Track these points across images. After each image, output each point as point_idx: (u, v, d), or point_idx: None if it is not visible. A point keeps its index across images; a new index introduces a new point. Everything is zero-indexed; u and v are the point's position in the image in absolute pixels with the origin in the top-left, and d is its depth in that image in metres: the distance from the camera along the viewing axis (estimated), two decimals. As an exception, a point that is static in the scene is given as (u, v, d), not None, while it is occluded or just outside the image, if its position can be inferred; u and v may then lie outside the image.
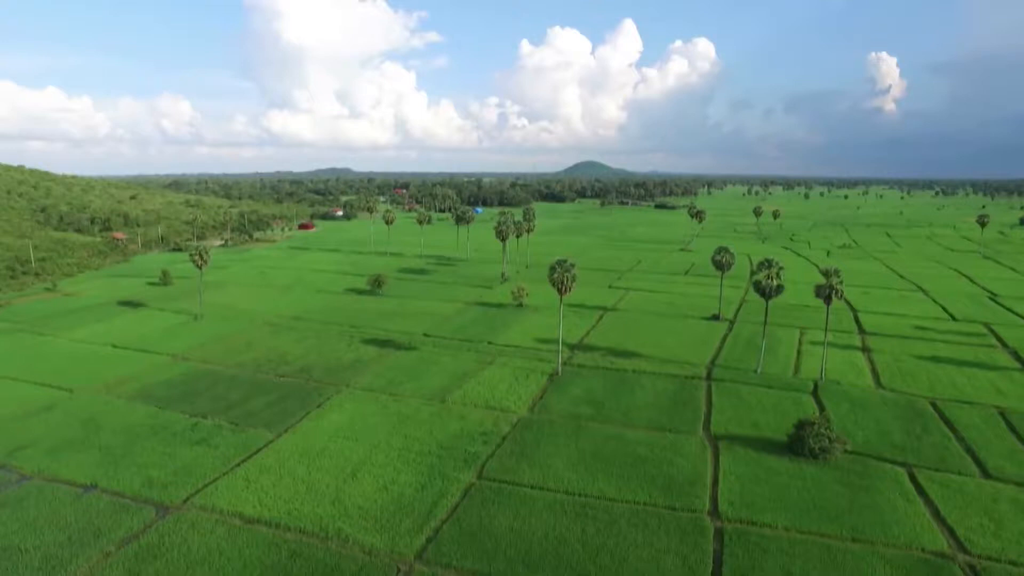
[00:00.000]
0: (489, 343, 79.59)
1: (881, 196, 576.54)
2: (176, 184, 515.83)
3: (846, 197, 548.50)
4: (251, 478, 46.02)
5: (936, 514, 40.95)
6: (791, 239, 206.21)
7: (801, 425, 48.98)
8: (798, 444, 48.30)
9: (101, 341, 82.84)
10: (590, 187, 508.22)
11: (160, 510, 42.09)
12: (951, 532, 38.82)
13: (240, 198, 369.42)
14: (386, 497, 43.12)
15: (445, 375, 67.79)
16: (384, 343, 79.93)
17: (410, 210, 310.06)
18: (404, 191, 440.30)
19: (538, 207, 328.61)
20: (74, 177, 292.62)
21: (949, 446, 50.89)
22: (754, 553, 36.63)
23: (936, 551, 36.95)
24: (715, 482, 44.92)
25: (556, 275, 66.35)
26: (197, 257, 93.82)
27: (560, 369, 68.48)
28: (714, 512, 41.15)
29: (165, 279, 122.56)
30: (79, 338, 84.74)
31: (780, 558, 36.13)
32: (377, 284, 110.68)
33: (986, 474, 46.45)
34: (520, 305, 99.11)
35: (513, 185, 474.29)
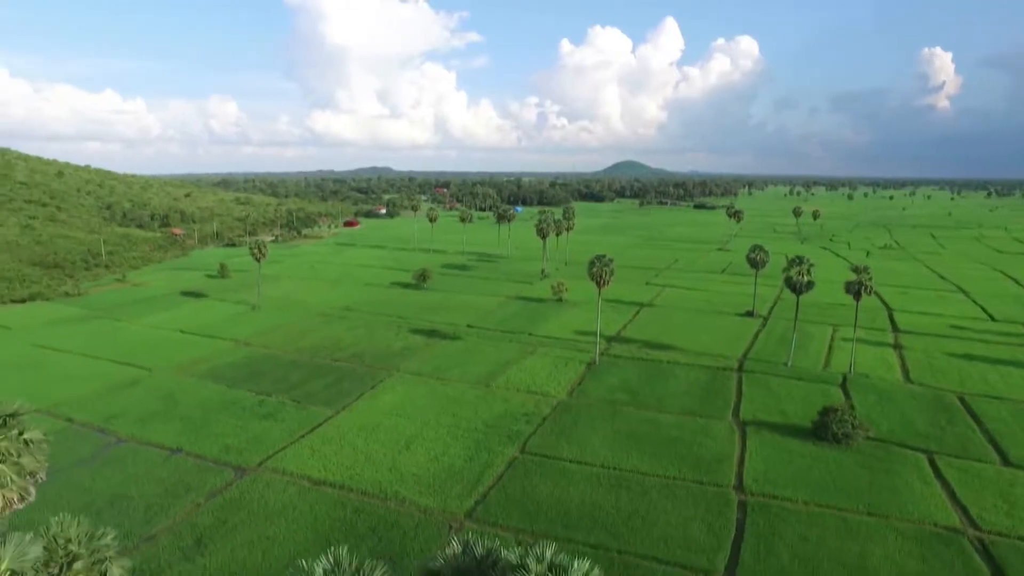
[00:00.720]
0: (530, 334, 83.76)
1: (929, 197, 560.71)
2: (225, 183, 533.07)
3: (891, 198, 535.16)
4: (315, 447, 51.06)
5: (952, 495, 43.48)
6: (831, 239, 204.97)
7: (825, 411, 51.77)
8: (822, 429, 51.10)
9: (171, 327, 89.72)
10: (629, 187, 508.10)
11: (238, 471, 47.39)
12: (964, 510, 41.38)
13: (287, 196, 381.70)
14: (437, 466, 47.64)
15: (489, 363, 72.18)
16: (430, 333, 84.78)
17: (451, 209, 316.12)
18: (445, 190, 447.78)
19: (577, 206, 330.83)
20: (134, 176, 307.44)
21: (972, 436, 52.95)
22: (774, 522, 39.91)
23: (948, 526, 39.63)
24: (741, 461, 48.17)
25: (595, 269, 70.13)
26: (256, 251, 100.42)
27: (598, 359, 72.18)
28: (739, 487, 44.48)
29: (223, 272, 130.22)
30: (151, 324, 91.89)
31: (798, 527, 39.35)
32: (422, 278, 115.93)
33: (1007, 462, 48.55)
34: (560, 300, 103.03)
35: (552, 184, 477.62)
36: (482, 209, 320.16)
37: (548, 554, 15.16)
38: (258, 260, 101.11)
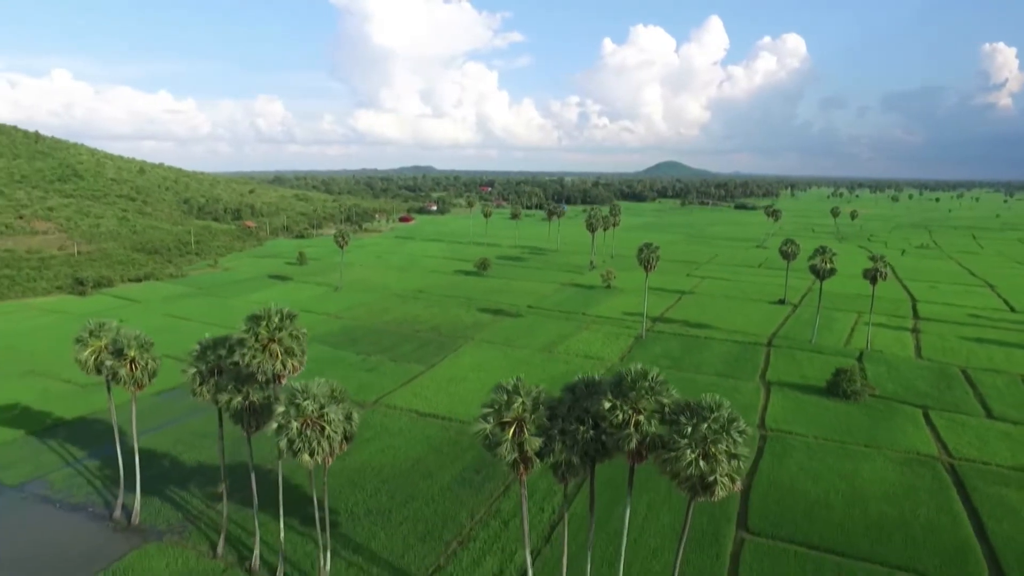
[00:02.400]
0: (583, 314, 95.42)
1: (977, 199, 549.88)
2: (278, 180, 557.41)
3: (937, 200, 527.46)
4: (416, 392, 63.70)
5: (936, 436, 53.55)
6: (868, 239, 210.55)
7: (838, 372, 62.09)
8: (834, 387, 61.44)
9: (270, 303, 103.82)
10: (671, 187, 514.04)
11: (357, 405, 60.01)
12: (943, 445, 51.51)
13: (339, 193, 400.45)
14: (517, 405, 59.60)
15: (549, 335, 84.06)
16: (496, 311, 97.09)
17: (498, 207, 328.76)
18: (489, 188, 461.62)
19: (620, 206, 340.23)
20: (203, 173, 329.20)
21: (965, 397, 62.59)
22: (787, 447, 50.76)
23: (927, 454, 49.89)
24: (764, 408, 59.01)
25: (643, 255, 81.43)
26: (340, 238, 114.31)
27: (644, 334, 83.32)
28: (761, 425, 55.37)
29: (301, 260, 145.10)
30: (252, 300, 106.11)
31: (806, 451, 50.12)
32: (483, 266, 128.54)
33: (990, 415, 58.23)
34: (608, 287, 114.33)
35: (596, 184, 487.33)
36: (528, 207, 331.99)
37: (640, 366, 26.57)
38: (341, 247, 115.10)
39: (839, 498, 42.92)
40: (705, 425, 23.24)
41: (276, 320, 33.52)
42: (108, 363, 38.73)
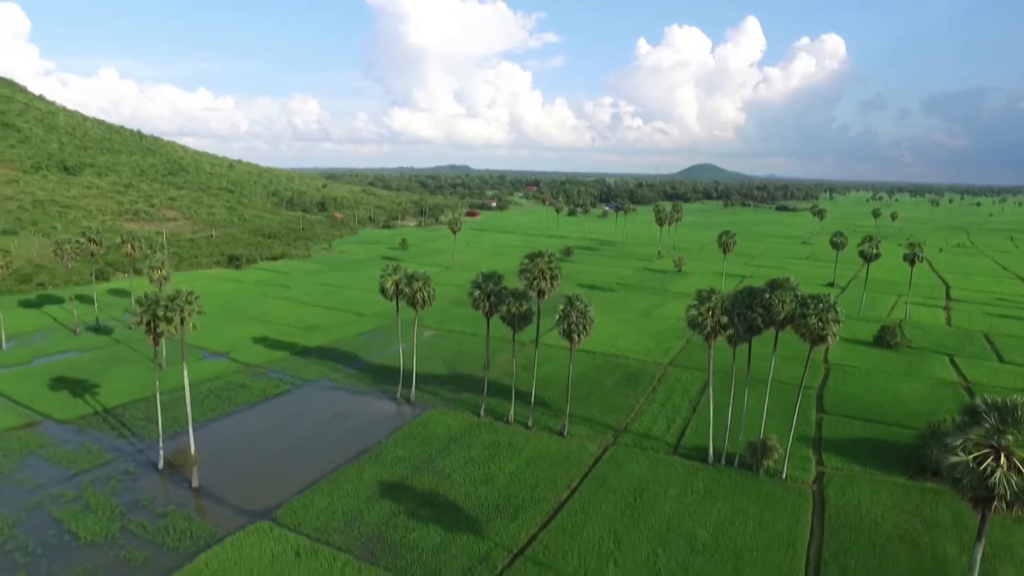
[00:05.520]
0: (665, 290, 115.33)
1: (1021, 204, 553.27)
2: (332, 177, 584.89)
3: (979, 204, 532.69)
4: (557, 336, 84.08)
5: (958, 370, 72.42)
6: (908, 239, 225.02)
7: (881, 329, 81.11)
8: (879, 340, 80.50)
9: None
10: (713, 188, 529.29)
11: (518, 344, 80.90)
12: (963, 376, 70.42)
13: (398, 190, 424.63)
14: (639, 346, 79.89)
15: (642, 304, 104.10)
16: (591, 287, 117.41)
17: (548, 204, 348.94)
18: (536, 188, 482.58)
19: (681, 205, 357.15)
20: (278, 169, 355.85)
21: (984, 350, 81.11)
22: (846, 374, 70.20)
23: (950, 381, 68.90)
24: (826, 351, 78.06)
25: (723, 239, 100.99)
26: (454, 224, 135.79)
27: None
28: (825, 361, 74.71)
29: (403, 245, 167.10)
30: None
31: (859, 376, 69.53)
32: (567, 253, 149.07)
33: (1001, 361, 76.81)
34: (679, 270, 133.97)
35: (639, 185, 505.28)
36: (578, 205, 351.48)
37: (783, 276, 46.34)
38: (454, 232, 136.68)
39: (885, 401, 62.40)
40: (821, 305, 43.09)
41: (547, 257, 53.98)
42: (406, 289, 60.00)
